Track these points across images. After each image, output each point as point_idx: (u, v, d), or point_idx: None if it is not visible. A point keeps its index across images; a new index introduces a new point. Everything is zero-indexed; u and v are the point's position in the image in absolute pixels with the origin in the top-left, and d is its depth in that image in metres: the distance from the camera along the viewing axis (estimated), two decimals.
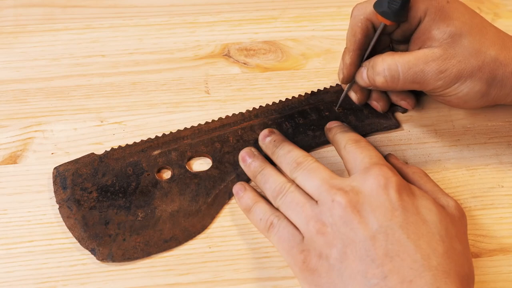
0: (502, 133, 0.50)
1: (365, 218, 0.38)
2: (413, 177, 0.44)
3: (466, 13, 0.45)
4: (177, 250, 0.43)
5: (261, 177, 0.44)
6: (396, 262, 0.36)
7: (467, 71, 0.43)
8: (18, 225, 0.44)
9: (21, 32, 0.57)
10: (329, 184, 0.40)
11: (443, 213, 0.39)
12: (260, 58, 0.56)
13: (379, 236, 0.37)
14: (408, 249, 0.36)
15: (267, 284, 0.42)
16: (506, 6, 0.61)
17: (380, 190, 0.39)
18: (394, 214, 0.38)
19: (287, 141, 0.46)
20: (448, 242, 0.37)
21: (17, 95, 0.52)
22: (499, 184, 0.47)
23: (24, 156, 0.48)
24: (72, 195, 0.45)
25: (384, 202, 0.38)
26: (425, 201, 0.39)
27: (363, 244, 0.37)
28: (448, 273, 0.36)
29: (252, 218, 0.43)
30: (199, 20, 0.59)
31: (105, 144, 0.49)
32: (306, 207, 0.40)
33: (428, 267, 0.36)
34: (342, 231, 0.38)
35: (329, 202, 0.39)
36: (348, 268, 0.37)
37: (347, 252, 0.37)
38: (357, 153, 0.43)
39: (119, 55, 0.55)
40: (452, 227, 0.39)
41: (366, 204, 0.38)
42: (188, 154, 0.47)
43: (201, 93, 0.53)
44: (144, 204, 0.45)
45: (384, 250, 0.36)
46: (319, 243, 0.38)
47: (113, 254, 0.42)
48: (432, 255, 0.36)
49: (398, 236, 0.37)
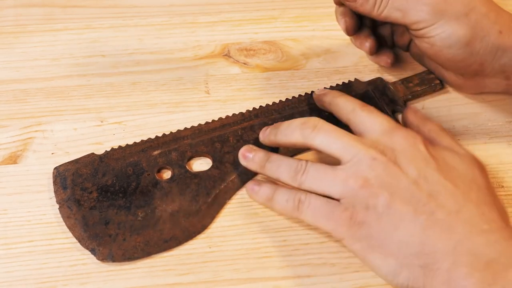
0: (502, 133, 0.50)
1: (404, 169, 0.40)
2: (430, 135, 0.45)
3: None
4: (177, 250, 0.43)
5: (270, 164, 0.44)
6: (440, 199, 0.39)
7: (453, 12, 0.45)
8: (18, 225, 0.44)
9: (21, 32, 0.57)
10: (361, 143, 0.41)
11: (466, 162, 0.42)
12: (260, 58, 0.56)
13: (420, 180, 0.39)
14: (448, 188, 0.39)
15: (267, 284, 0.42)
16: (506, 6, 0.60)
17: (410, 146, 0.41)
18: (428, 162, 0.40)
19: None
20: (479, 183, 0.41)
21: (17, 95, 0.52)
22: (499, 184, 0.47)
23: (24, 156, 0.48)
24: (72, 195, 0.45)
25: (417, 154, 0.41)
26: (449, 153, 0.42)
27: (407, 188, 0.39)
28: (486, 204, 0.39)
29: (277, 204, 0.43)
30: (199, 20, 0.59)
31: (105, 144, 0.49)
32: (338, 172, 0.40)
33: (469, 200, 0.39)
34: (386, 180, 0.39)
35: (369, 160, 0.40)
36: (397, 211, 0.39)
37: (394, 197, 0.39)
38: (373, 117, 0.43)
39: (119, 55, 0.55)
40: (477, 171, 0.41)
41: (402, 158, 0.40)
42: (188, 154, 0.47)
43: (201, 93, 0.53)
44: (144, 204, 0.45)
45: (427, 191, 0.39)
46: (363, 196, 0.39)
47: (113, 254, 0.42)
48: (469, 191, 0.40)
49: (437, 179, 0.40)
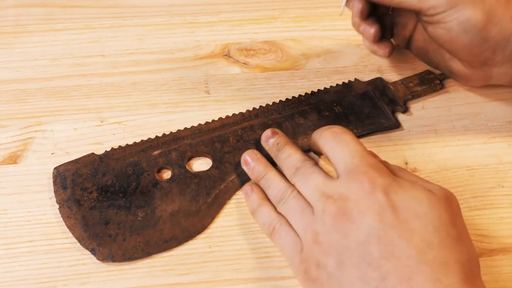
0: (502, 133, 0.50)
1: (356, 224, 0.37)
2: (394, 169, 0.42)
3: None
4: (177, 250, 0.43)
5: (264, 182, 0.44)
6: (392, 263, 0.35)
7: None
8: (18, 225, 0.44)
9: (21, 32, 0.57)
10: (320, 191, 0.40)
11: (434, 201, 0.38)
12: (260, 58, 0.56)
13: (371, 239, 0.36)
14: (401, 248, 0.36)
15: (267, 284, 0.42)
16: None
17: (366, 195, 0.38)
18: (384, 215, 0.37)
19: (289, 144, 0.45)
20: (443, 231, 0.37)
21: (17, 95, 0.52)
22: (499, 184, 0.47)
23: (24, 156, 0.48)
24: (72, 195, 0.45)
25: (372, 205, 0.37)
26: (414, 192, 0.38)
27: (357, 249, 0.36)
28: (446, 264, 0.35)
29: (257, 221, 0.44)
30: (199, 20, 0.59)
31: (105, 144, 0.49)
32: (305, 214, 0.40)
33: (425, 262, 0.35)
34: (335, 239, 0.37)
35: (321, 212, 0.39)
36: (347, 275, 0.37)
37: (343, 259, 0.37)
38: (338, 151, 0.41)
39: (119, 55, 0.55)
40: (444, 213, 0.38)
41: (355, 210, 0.37)
42: (188, 154, 0.47)
43: (201, 93, 0.53)
44: (144, 204, 0.45)
45: (378, 253, 0.36)
46: (316, 252, 0.38)
47: (113, 254, 0.42)
48: (427, 249, 0.36)
49: (390, 237, 0.36)
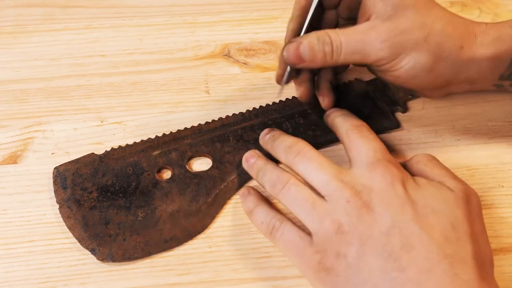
0: (502, 133, 0.50)
1: (379, 215, 0.38)
2: (418, 167, 0.43)
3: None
4: (177, 250, 0.43)
5: (262, 173, 0.44)
6: (412, 254, 0.36)
7: (411, 42, 0.42)
8: (18, 225, 0.44)
9: (21, 32, 0.57)
10: (340, 180, 0.39)
11: (451, 200, 0.39)
12: (260, 58, 0.56)
13: (393, 230, 0.37)
14: (422, 240, 0.36)
15: (267, 284, 0.42)
16: (506, 6, 0.61)
17: (388, 187, 0.39)
18: (405, 208, 0.38)
19: (284, 134, 0.45)
20: (460, 228, 0.37)
21: (17, 95, 0.52)
22: (499, 184, 0.47)
23: (24, 156, 0.48)
24: (72, 195, 0.45)
25: (394, 198, 0.38)
26: (431, 191, 0.39)
27: (379, 240, 0.37)
28: (464, 260, 0.36)
29: (254, 222, 0.43)
30: (199, 20, 0.59)
31: (105, 144, 0.49)
32: (317, 205, 0.39)
33: (444, 256, 0.36)
34: (359, 229, 0.38)
35: (344, 202, 0.38)
36: (367, 264, 0.37)
37: (365, 249, 0.37)
38: (360, 144, 0.42)
39: (119, 55, 0.55)
40: (461, 212, 0.38)
41: (378, 202, 0.38)
42: (188, 154, 0.47)
43: (201, 93, 0.53)
44: (144, 204, 0.45)
45: (400, 244, 0.37)
46: (336, 242, 0.38)
47: (113, 254, 0.42)
48: (446, 244, 0.36)
49: (411, 229, 0.37)
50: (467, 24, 0.44)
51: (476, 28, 0.44)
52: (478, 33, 0.44)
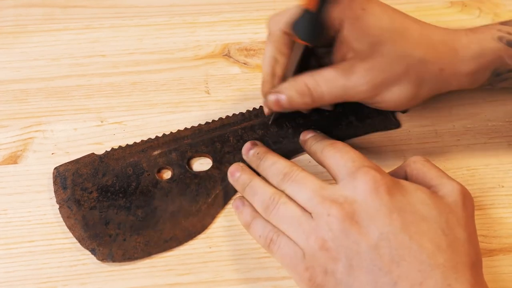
0: (502, 133, 0.50)
1: (365, 228, 0.36)
2: (416, 166, 0.42)
3: (385, 17, 0.43)
4: (177, 250, 0.43)
5: (249, 189, 0.43)
6: (403, 267, 0.35)
7: (392, 78, 0.42)
8: (18, 225, 0.44)
9: (21, 32, 0.57)
10: (321, 195, 0.39)
11: (441, 204, 0.38)
12: (260, 58, 0.55)
13: (382, 243, 0.36)
14: (413, 251, 0.35)
15: (267, 284, 0.42)
16: (506, 6, 0.61)
17: (372, 195, 0.37)
18: (392, 218, 0.36)
19: (270, 152, 0.45)
20: (451, 234, 0.37)
21: (17, 95, 0.52)
22: (499, 184, 0.47)
23: (24, 156, 0.48)
24: (72, 195, 0.45)
25: (380, 207, 0.37)
26: (419, 196, 0.38)
27: (367, 254, 0.36)
28: (456, 267, 0.35)
29: (252, 234, 0.42)
30: (199, 20, 0.59)
31: (105, 144, 0.49)
32: (302, 221, 0.39)
33: (436, 266, 0.35)
34: (345, 244, 0.36)
35: (325, 216, 0.37)
36: (357, 280, 0.36)
37: (353, 264, 0.36)
38: (338, 158, 0.41)
39: (119, 55, 0.55)
40: (452, 216, 0.38)
41: (363, 213, 0.37)
42: (188, 154, 0.47)
43: (201, 93, 0.53)
44: (144, 204, 0.45)
45: (389, 256, 0.35)
46: (323, 259, 0.37)
47: (113, 254, 0.42)
48: (438, 252, 0.35)
49: (400, 239, 0.36)
50: (447, 41, 0.44)
51: (457, 43, 0.44)
52: (459, 48, 0.44)
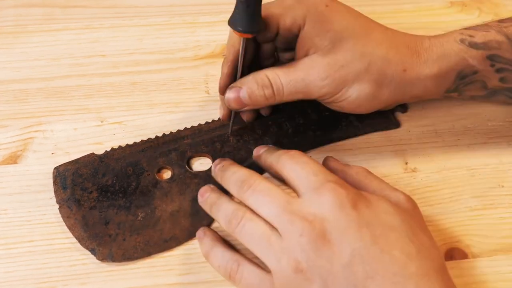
0: (502, 133, 0.50)
1: (337, 246, 0.36)
2: (358, 177, 0.42)
3: (348, 15, 0.42)
4: (177, 250, 0.43)
5: (215, 207, 0.42)
6: (377, 281, 0.35)
7: (352, 74, 0.42)
8: (18, 225, 0.44)
9: (21, 32, 0.57)
10: (289, 212, 0.37)
11: (401, 211, 0.38)
12: None
13: (354, 259, 0.35)
14: (385, 264, 0.35)
15: None
16: (506, 6, 0.61)
17: (341, 212, 0.37)
18: (362, 232, 0.36)
19: (234, 164, 0.44)
20: (417, 240, 0.37)
21: (17, 95, 0.52)
22: (499, 184, 0.47)
23: (24, 156, 0.48)
24: (72, 195, 0.45)
25: (349, 223, 0.36)
26: (382, 205, 0.38)
27: (341, 272, 0.35)
28: (428, 274, 0.35)
29: (212, 264, 0.41)
30: (199, 20, 0.59)
31: (105, 144, 0.49)
32: (272, 242, 0.37)
33: (409, 276, 0.35)
34: (318, 264, 0.36)
35: (297, 237, 0.36)
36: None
37: (328, 284, 0.36)
38: (298, 170, 0.40)
39: (119, 55, 0.55)
40: (413, 221, 0.38)
41: (334, 231, 0.36)
42: (188, 154, 0.47)
43: (201, 93, 0.53)
44: (144, 204, 0.45)
45: (363, 273, 0.35)
46: (297, 281, 0.36)
47: (113, 254, 0.42)
48: (409, 261, 0.35)
49: (372, 253, 0.35)
50: (410, 44, 0.44)
51: (420, 47, 0.44)
52: (422, 51, 0.43)
